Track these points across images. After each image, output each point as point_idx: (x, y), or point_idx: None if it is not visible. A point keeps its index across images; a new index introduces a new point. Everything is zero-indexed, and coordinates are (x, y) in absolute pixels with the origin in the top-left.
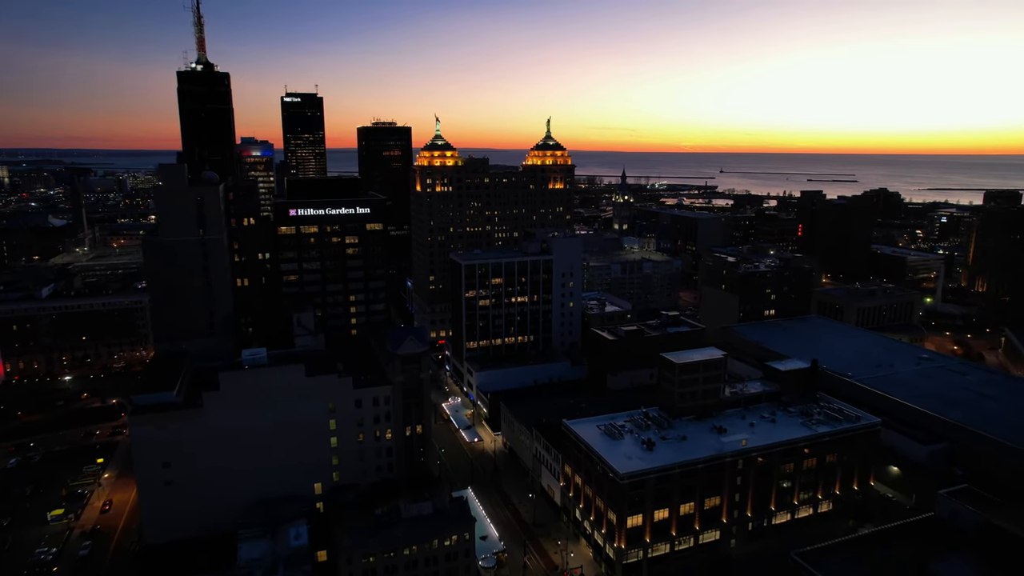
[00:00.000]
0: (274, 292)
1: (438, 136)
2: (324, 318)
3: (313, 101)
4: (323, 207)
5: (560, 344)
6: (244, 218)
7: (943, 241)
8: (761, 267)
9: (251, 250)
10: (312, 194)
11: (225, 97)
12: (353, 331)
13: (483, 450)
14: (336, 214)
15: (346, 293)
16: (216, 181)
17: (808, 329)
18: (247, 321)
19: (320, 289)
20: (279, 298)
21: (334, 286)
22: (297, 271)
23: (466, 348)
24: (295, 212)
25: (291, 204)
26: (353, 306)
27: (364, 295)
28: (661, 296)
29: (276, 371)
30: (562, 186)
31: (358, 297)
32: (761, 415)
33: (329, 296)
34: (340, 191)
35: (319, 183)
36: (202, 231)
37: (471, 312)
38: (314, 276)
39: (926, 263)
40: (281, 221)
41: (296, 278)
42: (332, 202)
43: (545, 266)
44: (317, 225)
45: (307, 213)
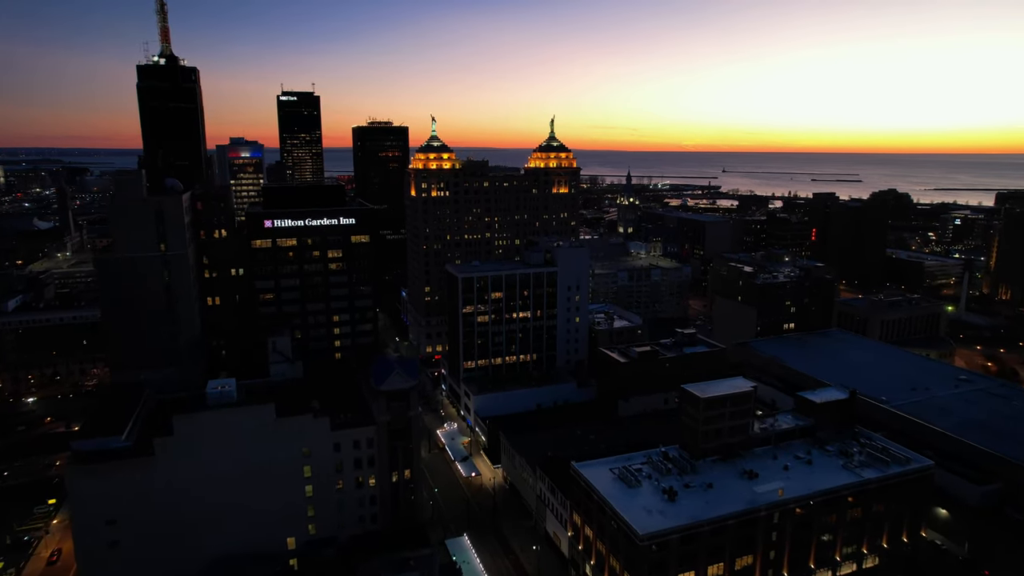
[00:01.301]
0: (249, 312)
1: (434, 137)
2: (304, 341)
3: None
4: (302, 217)
5: (565, 363)
6: (215, 230)
7: (957, 244)
8: (780, 277)
9: (223, 265)
10: (290, 202)
11: (192, 94)
12: (337, 354)
13: (481, 485)
14: (317, 225)
15: (329, 313)
16: (180, 189)
17: (831, 345)
18: (219, 344)
19: (300, 309)
20: (254, 318)
21: (315, 305)
22: (274, 289)
23: (463, 368)
24: (271, 223)
25: (266, 214)
26: (337, 327)
27: (349, 315)
28: (670, 304)
29: (240, 413)
30: (567, 190)
31: (342, 317)
32: (795, 455)
33: (310, 316)
34: (322, 199)
35: (298, 191)
36: (163, 246)
37: (469, 329)
38: (293, 294)
39: (944, 268)
40: (255, 233)
41: (273, 297)
42: (313, 211)
43: (549, 278)
44: (296, 237)
45: (284, 224)
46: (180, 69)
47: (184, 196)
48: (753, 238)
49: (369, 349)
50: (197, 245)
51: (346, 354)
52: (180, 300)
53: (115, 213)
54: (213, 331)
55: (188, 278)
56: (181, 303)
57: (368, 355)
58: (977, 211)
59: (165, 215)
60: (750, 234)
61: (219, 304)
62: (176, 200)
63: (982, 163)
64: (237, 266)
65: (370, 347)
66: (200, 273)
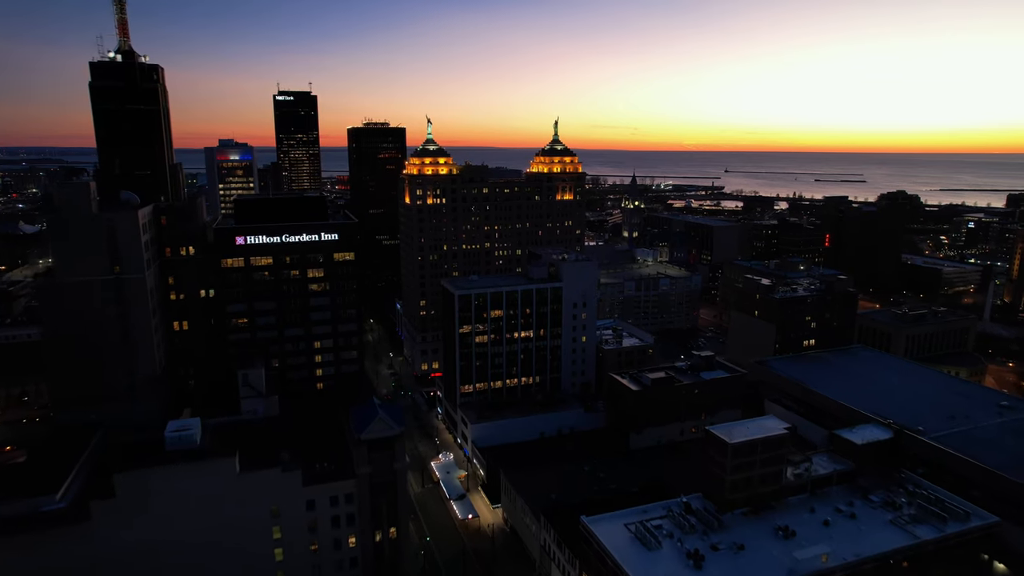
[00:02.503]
0: (221, 336)
1: (430, 140)
2: (282, 370)
3: (307, 100)
4: (279, 233)
5: (571, 386)
6: (181, 247)
7: (970, 248)
8: (799, 290)
9: (191, 287)
10: (266, 216)
11: (152, 95)
12: (319, 384)
13: (479, 528)
14: (295, 241)
15: (309, 339)
16: (135, 203)
17: (855, 364)
18: (187, 373)
19: (277, 335)
20: (225, 346)
21: (294, 331)
22: (247, 313)
23: (460, 393)
24: (243, 240)
25: (238, 230)
26: (319, 355)
27: (332, 341)
28: (679, 315)
29: (196, 469)
30: (571, 196)
31: (325, 344)
32: (835, 507)
33: (288, 343)
34: (301, 212)
35: (274, 203)
36: (116, 267)
37: (466, 350)
38: (269, 319)
39: (963, 275)
40: (225, 251)
41: (246, 322)
42: (290, 226)
43: (554, 295)
44: (272, 255)
45: (258, 241)
46: (139, 67)
47: (143, 211)
48: (764, 243)
49: (355, 379)
50: (161, 264)
51: (329, 384)
52: (137, 329)
53: (57, 231)
54: (180, 359)
55: (146, 304)
56: (138, 332)
57: (354, 385)
58: (990, 213)
59: (118, 233)
60: (760, 239)
61: (187, 329)
62: (131, 216)
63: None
64: (208, 287)
65: (356, 376)
66: (165, 295)
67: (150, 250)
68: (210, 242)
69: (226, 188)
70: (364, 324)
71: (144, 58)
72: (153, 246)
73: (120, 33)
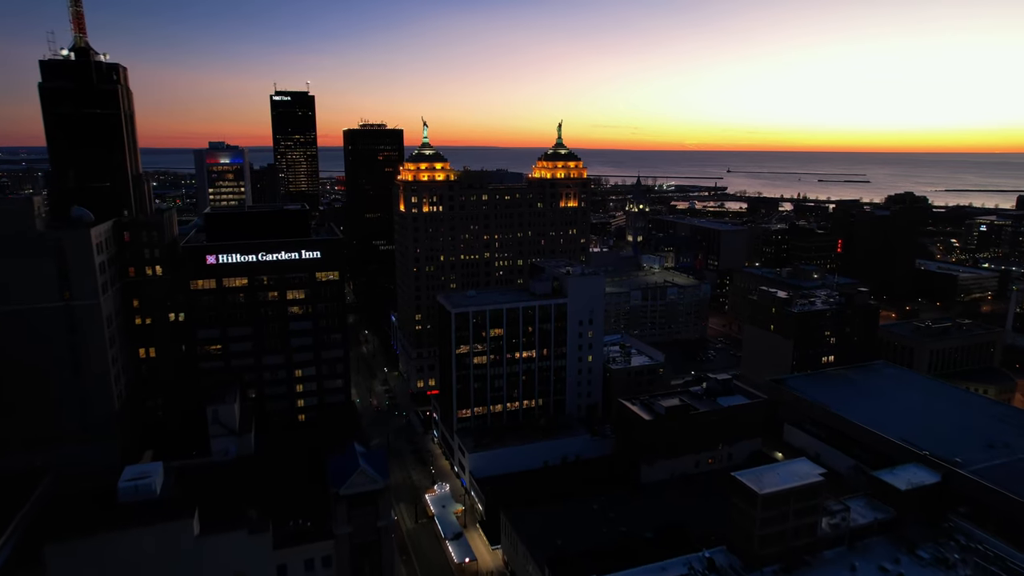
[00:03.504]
0: (192, 364)
1: (426, 144)
2: (260, 401)
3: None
4: (255, 251)
5: (576, 409)
6: (147, 266)
7: (982, 251)
8: (818, 303)
9: (158, 309)
10: (240, 231)
11: (112, 97)
12: (301, 416)
13: (477, 573)
14: (274, 260)
15: (290, 367)
16: (88, 220)
17: (878, 382)
18: (155, 404)
19: (253, 363)
20: (197, 374)
21: (273, 358)
22: (220, 339)
23: (457, 418)
24: (214, 259)
25: (209, 248)
26: (300, 383)
27: (315, 369)
28: (687, 325)
29: (144, 535)
30: (576, 203)
31: (307, 372)
32: (880, 565)
33: (266, 372)
34: (280, 227)
35: (250, 217)
36: (66, 293)
37: (463, 372)
38: (244, 345)
39: (979, 281)
40: (195, 271)
41: (219, 348)
42: (268, 244)
43: (558, 311)
44: (247, 276)
45: (232, 260)
46: (96, 66)
47: (99, 228)
48: (773, 249)
49: (341, 410)
50: (123, 286)
51: (311, 417)
52: (91, 361)
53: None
54: (147, 390)
55: (102, 333)
56: (92, 365)
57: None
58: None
59: (68, 254)
60: (769, 244)
61: (154, 357)
62: (81, 235)
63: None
64: (178, 310)
65: (342, 407)
66: (128, 320)
67: (108, 271)
68: (180, 260)
69: (216, 192)
70: (358, 335)
71: (104, 56)
72: (113, 266)
73: (75, 28)
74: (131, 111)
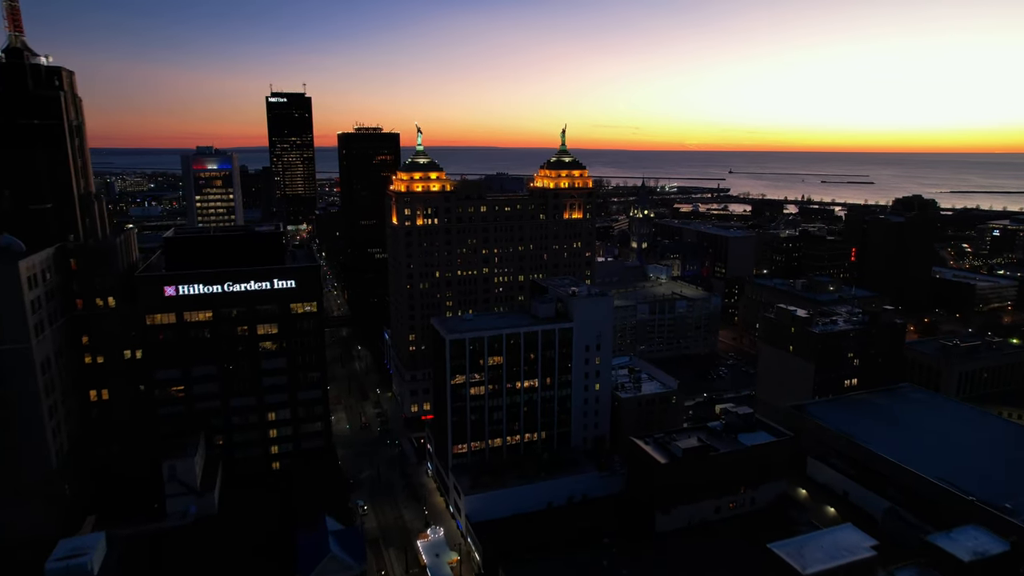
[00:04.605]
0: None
1: (420, 152)
2: (228, 448)
3: (300, 101)
4: (220, 281)
5: (581, 441)
6: (97, 297)
7: (995, 257)
8: (840, 321)
9: (111, 346)
10: (205, 257)
11: (54, 106)
12: (275, 464)
13: None
14: (242, 291)
15: (262, 410)
16: (18, 250)
17: (906, 409)
18: (108, 453)
19: (220, 406)
20: (155, 421)
21: (243, 400)
22: (182, 380)
23: (452, 453)
24: (174, 290)
25: (167, 278)
26: (273, 428)
27: (290, 411)
28: (697, 340)
29: None
30: (581, 215)
31: (281, 415)
32: None
33: (235, 415)
34: (250, 252)
35: (215, 242)
36: None
37: (459, 404)
38: (210, 386)
39: (998, 290)
40: (153, 304)
41: (182, 391)
42: (236, 273)
43: (563, 336)
44: (212, 309)
45: (195, 291)
46: (33, 70)
47: (34, 258)
48: (783, 257)
49: (319, 456)
50: (70, 320)
51: (286, 465)
52: (20, 415)
53: None
54: (99, 437)
55: (35, 380)
56: (23, 420)
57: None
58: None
59: None
60: (780, 252)
61: (107, 399)
62: (7, 271)
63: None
64: (135, 346)
65: (320, 453)
66: (76, 359)
67: (48, 306)
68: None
69: (204, 200)
70: (351, 350)
71: (46, 59)
72: (55, 299)
73: (10, 26)
74: (80, 121)
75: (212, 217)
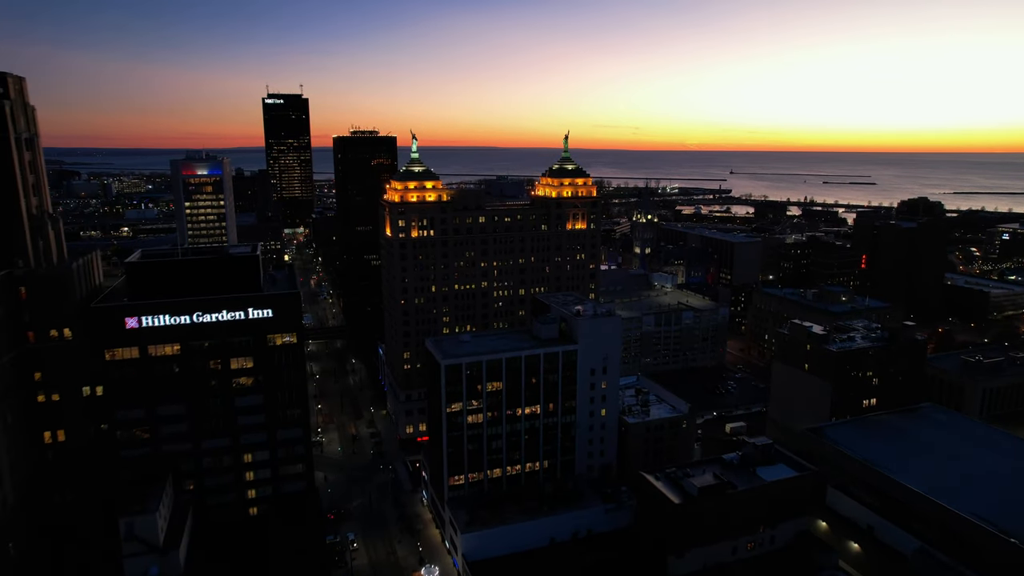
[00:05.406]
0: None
1: (415, 160)
2: (199, 493)
3: (298, 103)
4: (188, 311)
5: (586, 469)
6: (52, 328)
7: (1005, 261)
8: (858, 338)
9: (67, 382)
10: (173, 284)
11: None
12: (253, 509)
13: None
14: (213, 322)
15: (236, 452)
16: None
17: (929, 431)
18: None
19: (191, 448)
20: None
21: (215, 441)
22: (146, 420)
23: (448, 485)
24: (136, 322)
25: (127, 309)
26: (250, 471)
27: (268, 453)
28: (704, 352)
29: None
30: (584, 225)
31: (258, 457)
32: None
33: (207, 458)
34: (223, 278)
35: (183, 266)
36: None
37: (456, 434)
38: (178, 427)
39: (1013, 298)
40: (111, 338)
41: (147, 433)
42: (206, 302)
43: (566, 360)
44: (179, 341)
45: (159, 323)
46: None
47: None
48: (791, 264)
49: (301, 501)
50: (20, 355)
51: (264, 510)
52: None
53: None
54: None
55: None
56: None
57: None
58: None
59: None
60: (788, 259)
61: (64, 441)
62: None
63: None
64: (94, 382)
65: (302, 497)
66: (28, 397)
67: None
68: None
69: (193, 207)
70: (345, 364)
71: None
72: (3, 331)
73: None
74: (32, 133)
75: (202, 225)
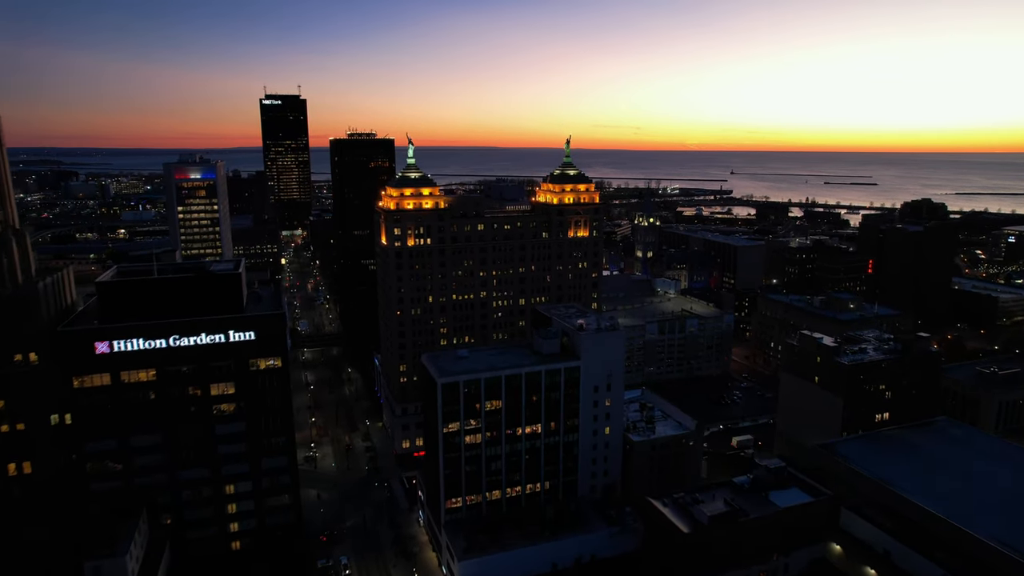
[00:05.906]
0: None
1: (411, 166)
2: (178, 528)
3: (296, 104)
4: (164, 334)
5: (589, 489)
6: (15, 353)
7: (1011, 264)
8: (870, 350)
9: (33, 410)
10: (148, 305)
11: None
12: (235, 543)
13: None
14: (191, 345)
15: (218, 483)
16: None
17: (945, 447)
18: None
19: (168, 479)
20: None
21: (193, 472)
22: (119, 451)
23: (445, 509)
24: (107, 347)
25: (97, 333)
26: (232, 503)
27: (252, 483)
28: (708, 360)
29: None
30: (587, 232)
31: (240, 488)
32: None
33: (186, 490)
34: (202, 298)
35: (162, 286)
36: None
37: (453, 454)
38: (154, 458)
39: (1021, 303)
40: (80, 364)
41: (120, 465)
42: (182, 324)
43: (569, 376)
44: (155, 367)
45: (133, 347)
46: None
47: None
48: (796, 269)
49: (288, 533)
50: None
51: (247, 544)
52: None
53: None
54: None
55: None
56: None
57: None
58: None
59: None
60: (793, 264)
61: (30, 474)
62: None
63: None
64: (63, 410)
65: (289, 529)
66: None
67: None
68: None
69: (186, 211)
70: (341, 373)
71: None
72: None
73: None
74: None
75: (195, 229)
